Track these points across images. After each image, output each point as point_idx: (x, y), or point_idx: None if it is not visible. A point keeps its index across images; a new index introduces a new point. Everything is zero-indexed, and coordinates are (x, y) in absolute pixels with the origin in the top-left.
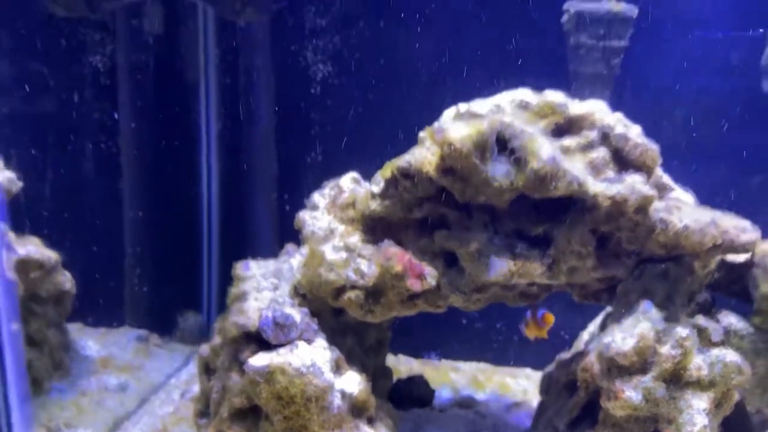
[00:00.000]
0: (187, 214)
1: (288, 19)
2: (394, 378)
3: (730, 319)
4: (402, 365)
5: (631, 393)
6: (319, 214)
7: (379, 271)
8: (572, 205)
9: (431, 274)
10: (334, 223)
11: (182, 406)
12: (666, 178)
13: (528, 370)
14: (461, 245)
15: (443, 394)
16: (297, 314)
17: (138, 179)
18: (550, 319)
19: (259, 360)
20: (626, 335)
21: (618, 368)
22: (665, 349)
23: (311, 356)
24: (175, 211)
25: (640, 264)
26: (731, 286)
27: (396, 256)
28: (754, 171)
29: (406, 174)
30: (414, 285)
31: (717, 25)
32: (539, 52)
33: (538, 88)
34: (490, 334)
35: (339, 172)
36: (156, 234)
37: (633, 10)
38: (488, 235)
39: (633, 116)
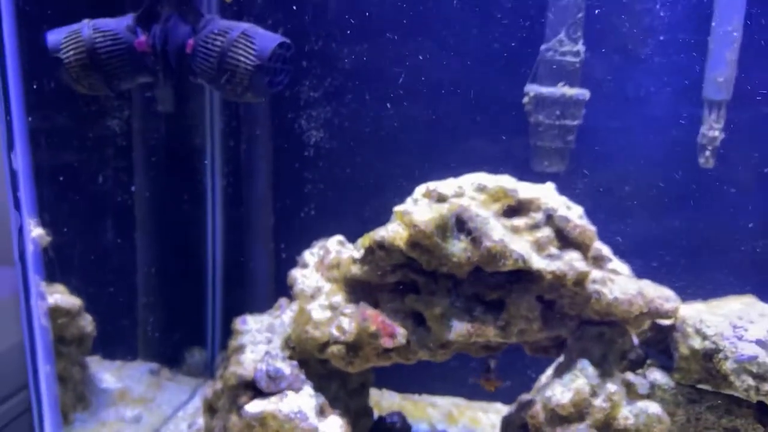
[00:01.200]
0: (194, 261)
1: (285, 91)
2: (376, 413)
3: (655, 375)
4: (385, 400)
5: None
6: (308, 272)
7: (357, 329)
8: (522, 276)
9: (401, 334)
10: (321, 282)
11: None
12: (606, 251)
13: (498, 405)
14: (427, 308)
15: (420, 428)
16: (287, 367)
17: (150, 230)
18: (496, 383)
19: (254, 407)
20: (565, 389)
21: (558, 417)
22: (598, 402)
23: (298, 403)
24: (183, 259)
25: (581, 325)
26: (659, 345)
27: (371, 317)
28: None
29: (381, 246)
30: (386, 342)
31: (659, 103)
32: (509, 126)
33: (509, 157)
34: (466, 369)
35: (328, 225)
36: (166, 278)
37: (585, 94)
38: (451, 299)
39: (585, 185)
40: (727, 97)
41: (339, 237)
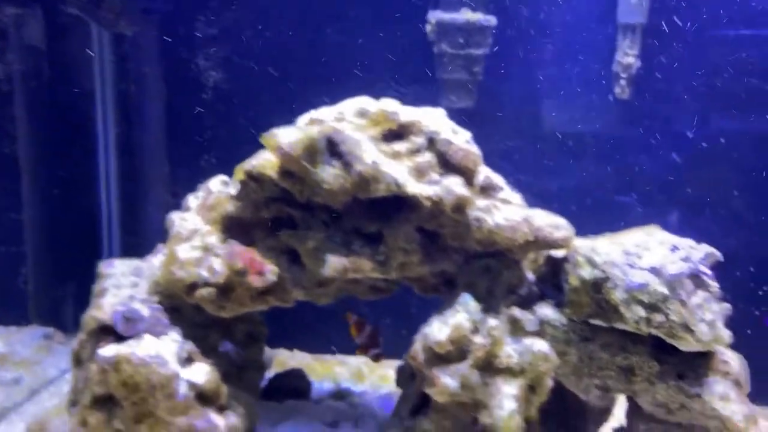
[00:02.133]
0: (87, 214)
1: (178, 28)
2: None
3: (545, 311)
4: (294, 360)
5: (447, 380)
6: (189, 215)
7: (228, 269)
8: (403, 206)
9: (271, 271)
10: (200, 224)
11: None
12: (497, 179)
13: None
14: (301, 243)
15: (324, 386)
16: (145, 310)
17: (37, 182)
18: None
19: (107, 350)
20: (443, 326)
21: (437, 357)
22: (478, 339)
23: (156, 348)
24: (75, 212)
25: (469, 260)
26: (552, 279)
27: (239, 254)
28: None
29: (252, 177)
30: (255, 281)
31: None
32: (414, 58)
33: (413, 92)
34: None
35: (229, 172)
36: (57, 234)
37: (490, 20)
38: (328, 233)
39: (494, 121)
40: (642, 20)
41: (223, 177)
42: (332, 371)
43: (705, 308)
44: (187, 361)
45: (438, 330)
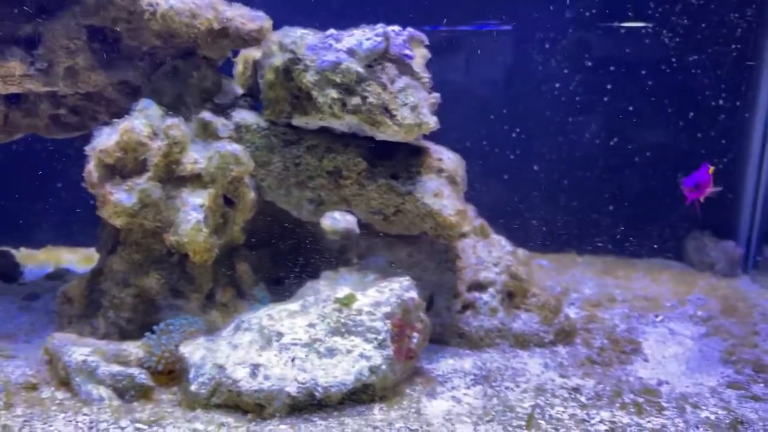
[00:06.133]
0: None
1: None
2: None
3: (243, 115)
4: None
5: (121, 195)
6: None
7: None
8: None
9: None
10: None
11: None
12: None
13: None
14: None
15: (46, 269)
16: None
17: None
18: None
19: None
20: (112, 131)
21: (111, 170)
22: (156, 143)
23: None
24: None
25: (157, 67)
26: (259, 89)
27: None
28: None
29: None
30: None
31: None
32: None
33: None
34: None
35: None
36: None
37: None
38: None
39: None
40: None
41: None
42: (60, 258)
43: (408, 93)
44: None
45: (107, 137)
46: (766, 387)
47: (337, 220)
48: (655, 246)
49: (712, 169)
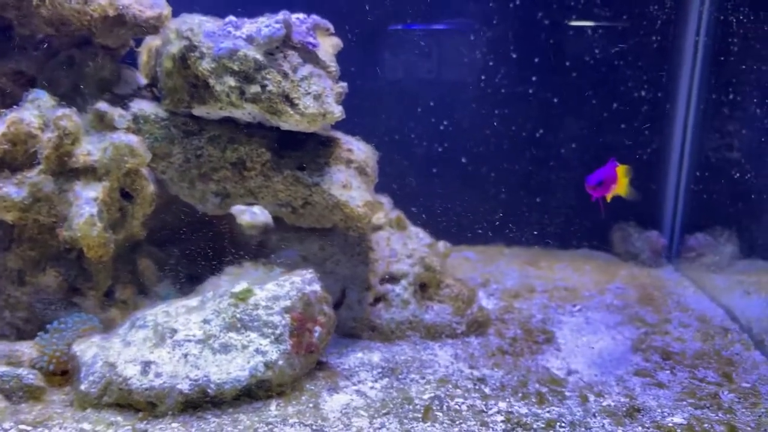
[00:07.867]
0: None
1: None
2: None
3: (141, 105)
4: None
5: (10, 189)
6: None
7: None
8: None
9: None
10: None
11: None
12: None
13: None
14: None
15: None
16: None
17: None
18: None
19: None
20: (0, 123)
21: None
22: (47, 135)
23: None
24: None
25: (52, 56)
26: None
27: None
28: None
29: None
30: None
31: None
32: None
33: None
34: None
35: None
36: None
37: None
38: None
39: None
40: None
41: None
42: None
43: (312, 82)
44: None
45: None
46: (672, 374)
47: (256, 215)
48: (582, 237)
49: (625, 167)
